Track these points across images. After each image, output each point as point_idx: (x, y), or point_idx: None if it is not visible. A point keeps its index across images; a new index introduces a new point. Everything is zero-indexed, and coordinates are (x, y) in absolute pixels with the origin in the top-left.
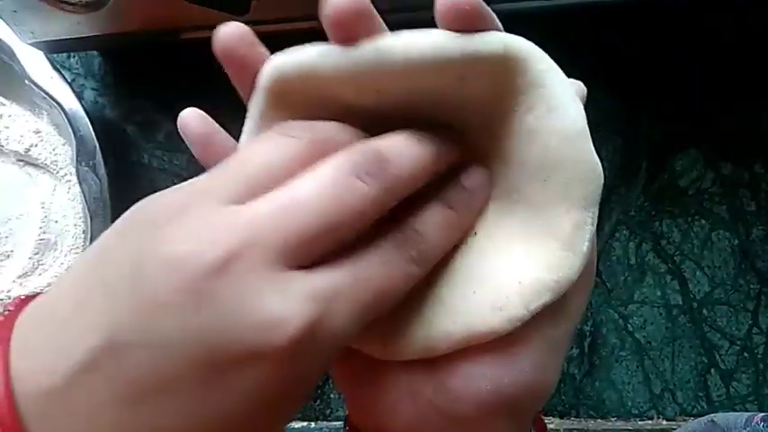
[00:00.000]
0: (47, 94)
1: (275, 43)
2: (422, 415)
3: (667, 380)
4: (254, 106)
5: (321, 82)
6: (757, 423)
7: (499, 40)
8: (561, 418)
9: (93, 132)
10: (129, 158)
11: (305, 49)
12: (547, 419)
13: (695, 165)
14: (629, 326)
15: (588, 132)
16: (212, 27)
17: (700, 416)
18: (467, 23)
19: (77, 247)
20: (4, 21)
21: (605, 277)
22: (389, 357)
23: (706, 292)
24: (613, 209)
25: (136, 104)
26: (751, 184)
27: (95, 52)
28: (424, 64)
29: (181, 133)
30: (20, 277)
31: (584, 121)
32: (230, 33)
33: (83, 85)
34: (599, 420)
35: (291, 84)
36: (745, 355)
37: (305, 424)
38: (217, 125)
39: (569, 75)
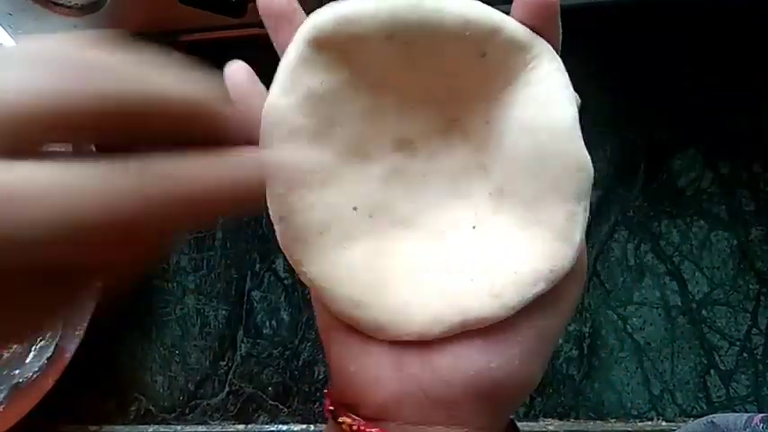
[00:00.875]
0: None
1: (271, 45)
2: (405, 390)
3: (667, 381)
4: (289, 57)
5: (357, 31)
6: (757, 424)
7: (527, 31)
8: (561, 419)
9: None
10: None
11: (345, 2)
12: (546, 421)
13: (694, 165)
14: (628, 327)
15: (579, 128)
16: (208, 29)
17: (699, 417)
18: (538, 20)
19: None
20: (0, 23)
21: (604, 278)
22: (382, 337)
23: (705, 292)
24: (612, 209)
25: None
26: (750, 184)
27: None
28: (455, 23)
29: (227, 82)
30: None
31: (576, 118)
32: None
33: None
34: (598, 422)
35: (328, 37)
36: (745, 355)
37: (303, 427)
38: (259, 83)
39: (571, 73)
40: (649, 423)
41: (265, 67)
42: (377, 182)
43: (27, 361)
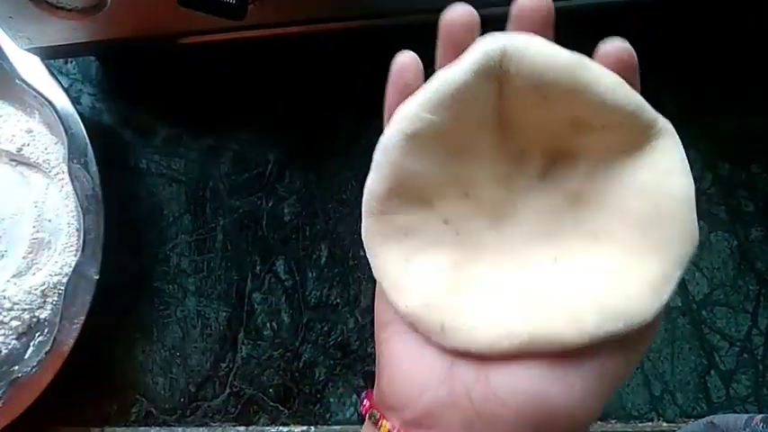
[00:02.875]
0: (38, 92)
1: (270, 47)
2: (453, 399)
3: (667, 381)
4: (455, 72)
5: (515, 69)
6: (757, 424)
7: (650, 109)
8: None
9: (84, 130)
10: (127, 163)
11: (514, 35)
12: None
13: (693, 166)
14: None
15: (694, 200)
16: (209, 32)
17: (700, 417)
18: (626, 69)
19: (71, 245)
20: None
21: None
22: (444, 342)
23: (705, 293)
24: None
25: (133, 109)
26: (749, 185)
27: (93, 58)
28: (598, 99)
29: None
30: (14, 276)
31: (694, 192)
32: (461, 15)
33: (80, 90)
34: (599, 422)
35: (492, 67)
36: (745, 356)
37: (304, 428)
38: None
39: None
40: (650, 424)
41: (265, 67)
42: (472, 205)
43: (26, 356)
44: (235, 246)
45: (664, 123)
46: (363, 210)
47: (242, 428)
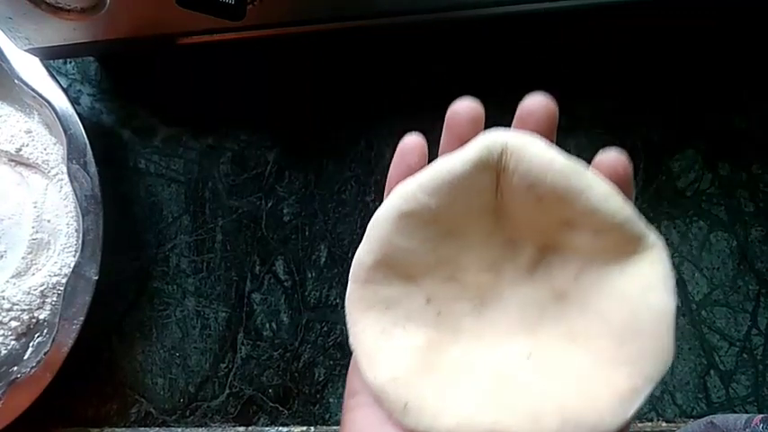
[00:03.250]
0: (37, 93)
1: (269, 47)
2: None
3: (667, 381)
4: (456, 161)
5: (514, 166)
6: (756, 424)
7: (640, 222)
8: None
9: (83, 130)
10: (126, 164)
11: (517, 134)
12: None
13: (693, 166)
14: None
15: (674, 318)
16: (208, 32)
17: (699, 417)
18: (620, 180)
19: (70, 246)
20: None
21: None
22: (404, 422)
23: (705, 293)
24: None
25: (132, 110)
26: (749, 185)
27: (92, 58)
28: (589, 205)
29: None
30: (13, 277)
31: (675, 311)
32: (467, 110)
33: (79, 90)
34: None
35: (489, 159)
36: (745, 356)
37: (304, 428)
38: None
39: (569, 74)
40: (649, 424)
41: (265, 67)
42: (457, 288)
43: (25, 357)
44: (234, 246)
45: (653, 237)
46: (350, 276)
47: (242, 429)
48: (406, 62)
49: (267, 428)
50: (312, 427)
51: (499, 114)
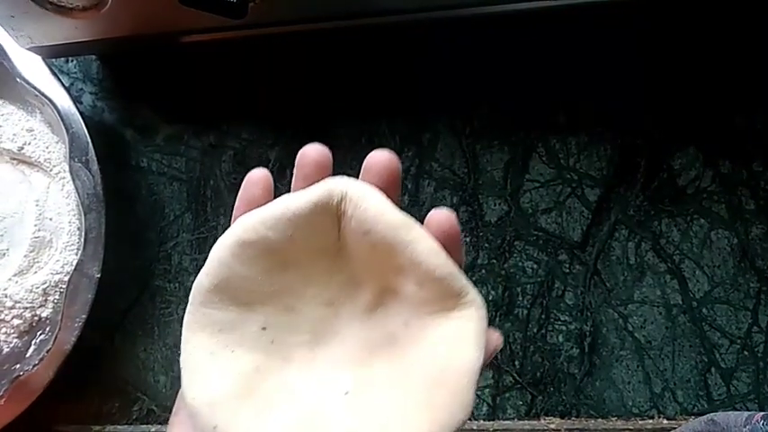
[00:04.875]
0: (39, 91)
1: (271, 45)
2: None
3: (668, 379)
4: (300, 200)
5: (351, 211)
6: (757, 421)
7: (462, 279)
8: (562, 417)
9: (85, 128)
10: (128, 162)
11: (359, 185)
12: (548, 419)
13: (694, 163)
14: (629, 325)
15: (477, 377)
16: (210, 30)
17: (700, 415)
18: (447, 238)
19: (72, 244)
20: (0, 25)
21: (605, 277)
22: None
23: (706, 291)
24: (612, 208)
25: (134, 108)
26: (750, 183)
27: (94, 56)
28: (413, 258)
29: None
30: (16, 275)
31: (478, 369)
32: (314, 153)
33: (81, 89)
34: (599, 420)
35: (329, 205)
36: (746, 353)
37: None
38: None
39: (570, 73)
40: (650, 421)
41: (266, 66)
42: (293, 319)
43: (27, 355)
44: None
45: (472, 295)
46: (190, 296)
47: None
48: (408, 61)
49: None
50: None
51: (498, 111)
